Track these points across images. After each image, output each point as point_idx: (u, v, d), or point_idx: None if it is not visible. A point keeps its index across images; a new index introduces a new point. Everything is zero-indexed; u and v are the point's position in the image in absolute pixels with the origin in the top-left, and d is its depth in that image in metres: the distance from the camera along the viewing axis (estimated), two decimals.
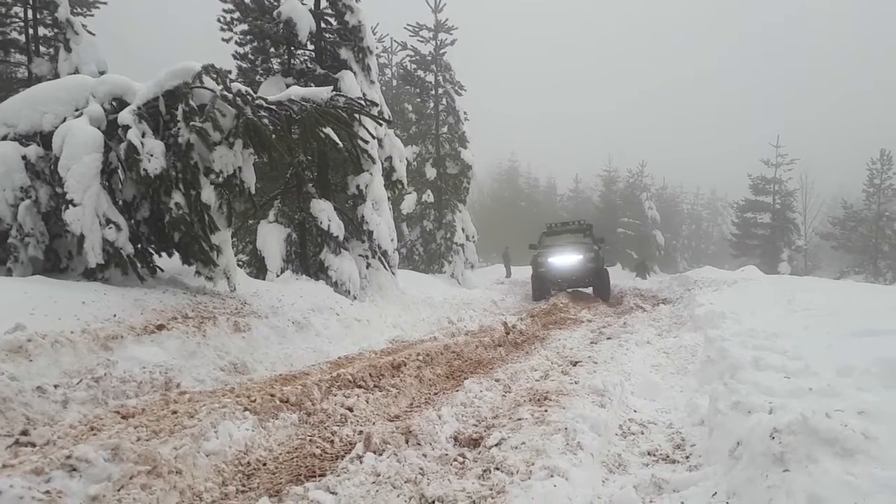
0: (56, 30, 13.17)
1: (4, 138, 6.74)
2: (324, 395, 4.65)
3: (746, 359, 4.31)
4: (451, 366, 6.40)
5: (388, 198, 12.79)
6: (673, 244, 56.06)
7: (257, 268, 10.86)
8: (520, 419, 3.73)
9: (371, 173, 11.74)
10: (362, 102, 8.16)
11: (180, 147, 6.62)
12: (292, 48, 11.85)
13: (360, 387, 5.12)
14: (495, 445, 3.21)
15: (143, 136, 6.57)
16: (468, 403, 4.42)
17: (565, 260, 16.72)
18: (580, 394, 4.39)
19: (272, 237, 10.86)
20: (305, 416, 4.21)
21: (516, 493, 2.50)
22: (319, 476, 3.04)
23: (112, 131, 6.70)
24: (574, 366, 5.88)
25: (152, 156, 6.50)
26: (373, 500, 2.57)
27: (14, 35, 14.02)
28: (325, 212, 10.93)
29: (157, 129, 6.77)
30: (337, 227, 10.97)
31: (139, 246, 6.95)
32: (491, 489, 2.61)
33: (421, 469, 2.95)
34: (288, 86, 9.45)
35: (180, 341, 5.78)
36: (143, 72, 7.75)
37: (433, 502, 2.54)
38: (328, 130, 8.00)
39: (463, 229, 22.21)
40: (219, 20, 11.78)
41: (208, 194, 6.84)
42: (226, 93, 6.85)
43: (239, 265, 9.94)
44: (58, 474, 2.59)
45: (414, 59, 22.81)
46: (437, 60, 22.56)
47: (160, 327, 5.81)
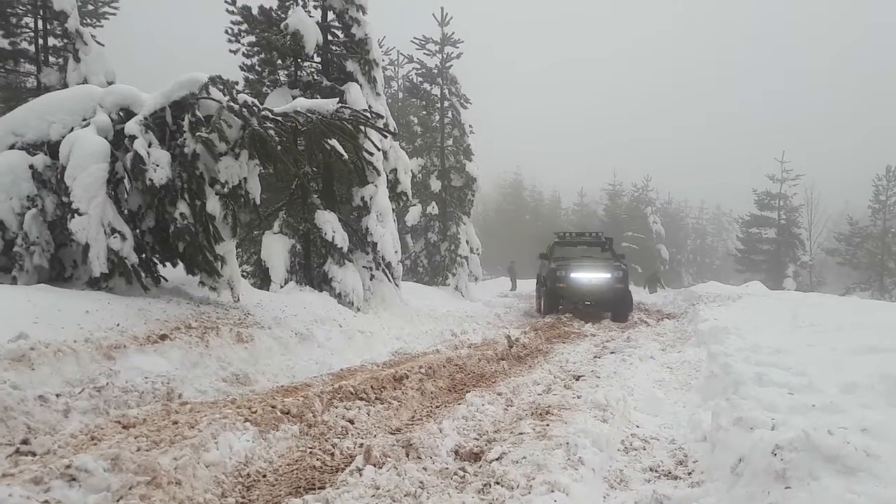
0: (65, 40, 13.27)
1: (12, 147, 6.79)
2: (325, 407, 4.64)
3: (749, 374, 4.28)
4: (453, 379, 6.38)
5: (393, 210, 12.82)
6: (678, 259, 56.01)
7: (261, 278, 10.88)
8: (521, 433, 3.72)
9: (376, 185, 11.78)
10: (368, 114, 8.21)
11: (186, 157, 6.66)
12: (299, 60, 11.94)
13: (361, 399, 5.10)
14: (496, 459, 3.19)
15: (149, 146, 6.62)
16: (470, 417, 4.40)
17: (592, 277, 14.68)
18: (582, 408, 4.38)
19: (276, 248, 10.88)
20: (306, 427, 4.20)
21: None
22: (319, 489, 3.03)
23: (119, 141, 6.75)
24: (577, 380, 5.86)
25: (158, 166, 6.54)
26: None
27: (24, 45, 14.15)
28: (329, 223, 10.96)
29: (164, 140, 6.82)
30: (341, 238, 10.99)
31: (144, 255, 6.98)
32: (490, 503, 2.60)
33: (421, 483, 2.94)
34: (294, 97, 9.52)
35: (183, 351, 5.78)
36: (151, 82, 7.81)
37: None
38: (333, 142, 8.05)
39: (467, 242, 22.22)
40: (226, 32, 11.89)
41: (213, 205, 6.87)
42: (232, 104, 6.90)
43: (243, 276, 9.96)
44: (57, 484, 2.59)
45: (420, 71, 22.93)
46: (443, 73, 22.67)
47: (163, 337, 5.81)
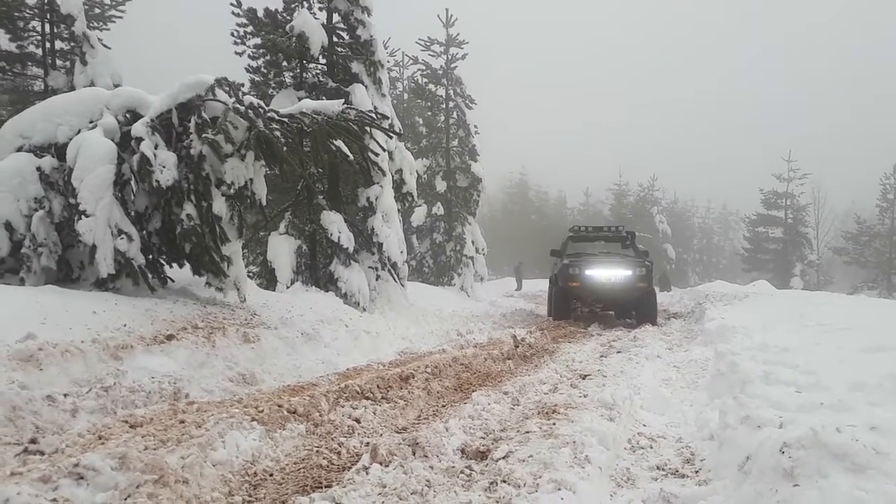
0: (72, 43, 13.34)
1: (20, 149, 6.83)
2: (331, 407, 4.65)
3: (757, 373, 4.27)
4: (459, 378, 6.37)
5: (399, 210, 12.84)
6: (684, 258, 55.89)
7: (267, 279, 10.90)
8: (528, 432, 3.71)
9: (381, 186, 11.80)
10: (373, 115, 8.22)
11: (192, 159, 6.68)
12: (304, 62, 11.97)
13: (367, 398, 5.11)
14: (503, 458, 3.19)
15: (155, 147, 6.64)
16: (476, 416, 4.40)
17: (610, 275, 12.88)
18: (589, 407, 4.37)
19: (282, 249, 10.91)
20: (313, 426, 4.21)
21: None
22: (326, 487, 3.03)
23: (125, 143, 6.78)
24: (583, 379, 5.85)
25: (165, 167, 6.57)
26: None
27: (31, 48, 14.24)
28: (335, 224, 10.98)
29: (170, 141, 6.84)
30: (347, 238, 11.01)
31: (150, 256, 7.00)
32: (497, 501, 2.60)
33: (427, 481, 2.94)
34: (300, 99, 9.55)
35: (190, 352, 5.80)
36: (157, 85, 7.84)
37: None
38: (339, 143, 8.06)
39: (473, 242, 22.23)
40: (232, 34, 11.93)
41: (220, 206, 6.89)
42: (238, 105, 6.92)
43: (249, 276, 9.99)
44: (65, 482, 2.60)
45: (425, 73, 22.96)
46: (448, 74, 22.70)
47: (170, 337, 5.84)
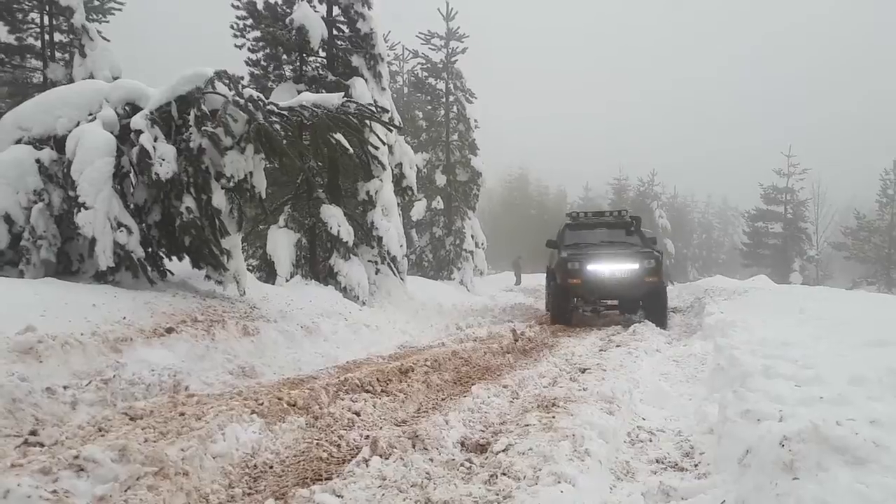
0: (71, 35, 13.29)
1: (19, 142, 6.82)
2: (331, 400, 4.65)
3: (756, 367, 4.27)
4: (459, 372, 6.38)
5: (398, 204, 12.82)
6: (683, 253, 55.92)
7: (267, 272, 10.90)
8: (527, 425, 3.71)
9: (381, 179, 11.78)
10: (373, 109, 8.19)
11: (192, 152, 6.67)
12: (304, 55, 11.93)
13: (367, 391, 5.11)
14: (502, 451, 3.19)
15: (155, 140, 6.63)
16: (476, 409, 4.40)
17: (615, 269, 11.06)
18: (588, 401, 4.37)
19: (282, 242, 10.90)
20: (313, 419, 4.21)
21: (522, 498, 2.49)
22: (326, 479, 3.04)
23: (125, 136, 6.76)
24: (583, 373, 5.86)
25: (164, 160, 6.56)
26: None
27: (30, 41, 14.18)
28: (335, 217, 10.97)
29: (170, 134, 6.83)
30: (346, 232, 11.00)
31: (150, 249, 7.01)
32: (497, 494, 2.60)
33: (427, 473, 2.94)
34: (299, 92, 9.51)
35: (189, 344, 5.80)
36: (157, 77, 7.82)
37: None
38: (339, 136, 8.05)
39: (472, 236, 22.22)
40: (232, 27, 11.89)
41: (219, 199, 6.88)
42: (238, 98, 6.90)
43: (249, 270, 9.98)
44: (65, 474, 2.60)
45: (425, 66, 22.92)
46: (449, 68, 22.65)
47: (169, 330, 5.84)
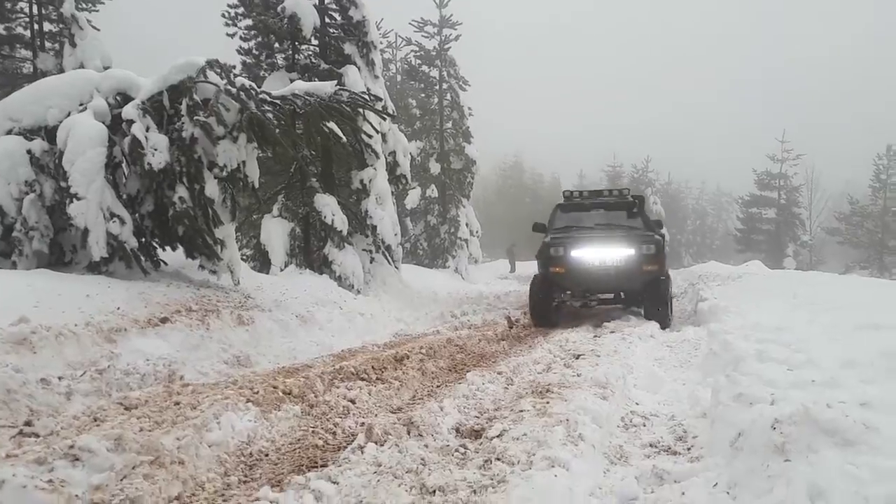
0: (61, 25, 13.23)
1: (9, 133, 6.77)
2: (326, 388, 4.67)
3: (749, 351, 4.30)
4: (454, 359, 6.40)
5: (392, 192, 12.81)
6: (678, 239, 56.07)
7: (261, 262, 10.90)
8: (522, 411, 3.73)
9: (375, 168, 11.76)
10: (366, 97, 8.16)
11: (184, 141, 6.64)
12: (296, 43, 11.88)
13: (362, 379, 5.13)
14: (497, 436, 3.21)
15: (147, 130, 6.60)
16: (470, 395, 4.42)
17: (606, 256, 9.17)
18: (582, 386, 4.39)
19: (276, 231, 10.89)
20: (308, 407, 4.23)
21: (517, 482, 2.51)
22: (322, 466, 3.05)
23: (116, 126, 6.73)
24: (577, 359, 5.88)
25: (156, 150, 6.53)
26: (374, 490, 2.58)
27: (19, 30, 14.08)
28: (328, 206, 10.95)
29: (162, 124, 6.80)
30: (341, 221, 10.99)
31: (143, 240, 6.99)
32: (492, 479, 2.62)
33: (422, 459, 2.96)
34: (292, 81, 9.46)
35: (184, 334, 5.80)
36: (148, 67, 7.77)
37: (434, 491, 2.55)
38: (332, 125, 8.03)
39: (467, 224, 22.24)
40: (223, 15, 11.82)
41: (212, 188, 6.87)
42: (230, 87, 6.87)
43: (243, 259, 9.97)
44: (61, 464, 2.60)
45: (418, 54, 22.87)
46: (442, 56, 22.59)
47: (164, 320, 5.84)
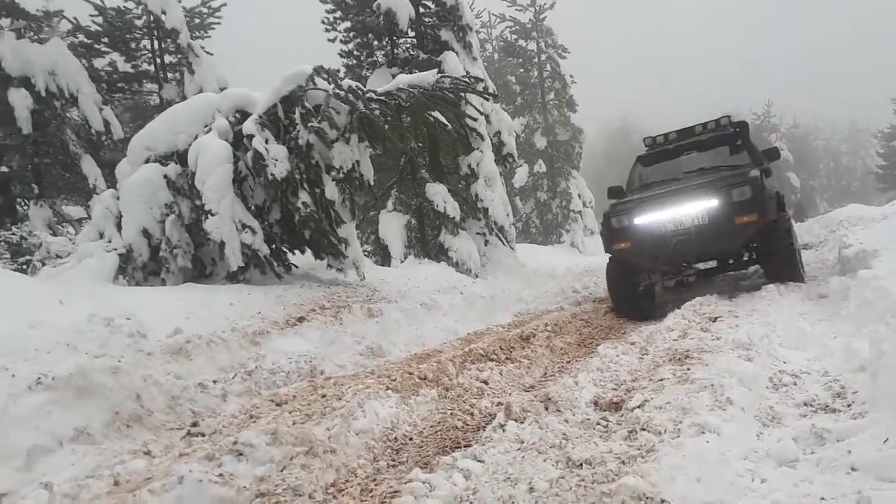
0: (179, 55, 14.19)
1: (147, 161, 7.37)
2: (458, 371, 4.75)
3: None
4: (581, 333, 6.32)
5: (500, 173, 12.79)
6: (810, 185, 52.14)
7: (382, 256, 11.25)
8: (661, 379, 3.62)
9: (481, 151, 11.77)
10: (467, 80, 8.19)
11: (301, 149, 6.95)
12: (394, 38, 12.10)
13: (492, 360, 5.17)
14: (638, 407, 3.13)
15: (266, 142, 6.96)
16: (604, 368, 4.35)
17: (680, 215, 6.92)
18: (724, 349, 4.19)
19: (393, 225, 11.19)
20: (443, 391, 4.32)
21: (666, 451, 2.44)
22: (465, 447, 3.11)
23: (238, 142, 7.15)
24: (713, 322, 5.62)
25: (277, 160, 6.87)
26: (520, 466, 2.60)
27: (144, 66, 15.26)
28: (439, 194, 11.10)
29: (279, 135, 7.15)
30: (452, 208, 11.11)
31: (274, 246, 7.40)
32: (639, 449, 2.56)
33: (564, 434, 2.94)
34: (393, 76, 9.66)
35: (320, 331, 6.10)
36: (258, 81, 8.18)
37: (580, 465, 2.53)
38: (436, 114, 8.11)
39: (579, 195, 21.81)
40: (322, 21, 12.24)
41: (331, 191, 7.15)
42: (338, 91, 7.11)
43: (365, 255, 10.33)
44: (227, 459, 2.80)
45: (513, 29, 22.58)
46: (538, 26, 22.19)
47: (301, 319, 6.16)
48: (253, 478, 2.75)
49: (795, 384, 3.63)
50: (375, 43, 12.28)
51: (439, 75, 7.76)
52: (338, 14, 12.13)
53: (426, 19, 12.36)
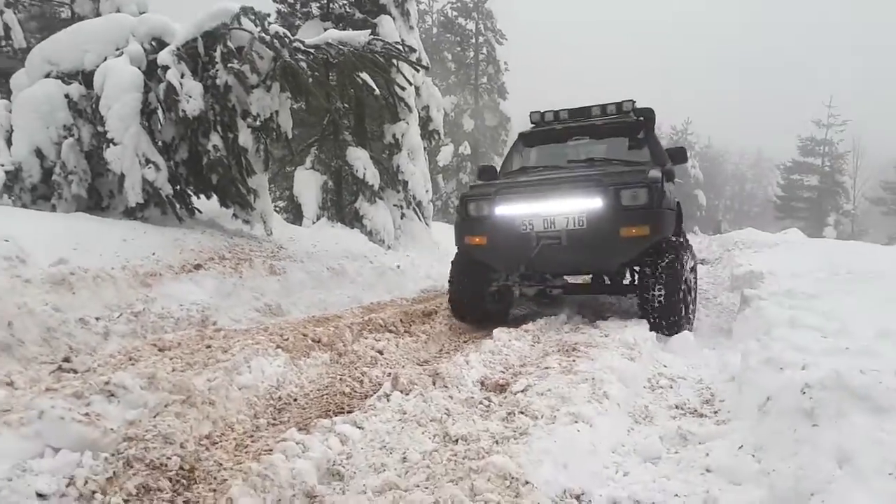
0: None
1: (47, 76, 6.85)
2: (355, 338, 4.73)
3: (782, 317, 4.22)
4: None
5: (425, 148, 12.74)
6: (714, 205, 55.06)
7: (294, 214, 11.02)
8: (547, 368, 3.74)
9: (407, 122, 11.69)
10: (400, 48, 8.04)
11: (218, 89, 6.65)
12: None
13: (391, 331, 5.19)
14: (521, 391, 3.22)
15: (182, 76, 6.62)
16: (497, 351, 4.44)
17: (550, 211, 5.43)
18: (609, 346, 4.37)
19: (308, 184, 10.96)
20: (336, 356, 4.30)
21: (539, 435, 2.52)
22: (348, 412, 3.11)
23: (151, 71, 6.76)
24: (605, 320, 5.84)
25: (191, 97, 6.55)
26: (398, 437, 2.62)
27: None
28: (360, 160, 10.96)
29: (196, 71, 6.80)
30: (372, 175, 10.99)
31: (178, 187, 7.08)
32: (514, 431, 2.63)
33: (447, 409, 2.99)
34: (326, 30, 9.37)
35: (217, 281, 5.91)
36: (182, 13, 7.75)
37: (456, 440, 2.58)
38: (365, 76, 7.95)
39: None
40: None
41: (245, 137, 6.89)
42: (264, 35, 6.83)
43: (276, 211, 10.06)
44: (97, 398, 2.68)
45: (455, 5, 22.42)
46: (479, 7, 22.14)
47: (197, 267, 5.94)
48: (122, 421, 2.65)
49: (671, 387, 3.83)
50: None
51: (372, 37, 7.59)
52: None
53: None
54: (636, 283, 5.98)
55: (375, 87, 8.26)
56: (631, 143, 6.65)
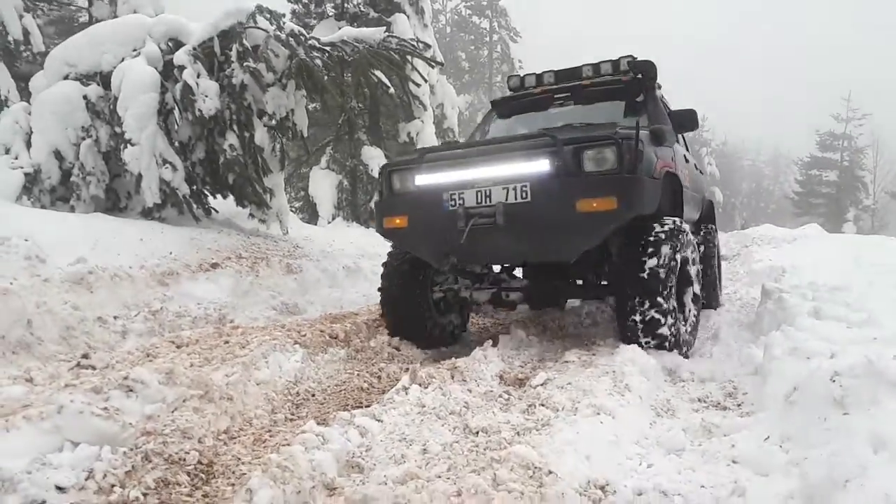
0: None
1: (66, 78, 6.90)
2: (372, 334, 4.71)
3: (806, 309, 4.14)
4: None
5: None
6: (731, 202, 54.48)
7: (309, 214, 11.05)
8: (567, 362, 3.70)
9: (422, 121, 11.66)
10: (415, 44, 8.03)
11: (234, 88, 6.67)
12: None
13: None
14: (541, 385, 3.19)
15: (198, 76, 6.65)
16: (515, 346, 4.40)
17: (486, 181, 3.89)
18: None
19: (324, 183, 10.98)
20: (354, 352, 4.29)
21: (561, 426, 2.48)
22: (366, 406, 3.08)
23: (168, 72, 6.79)
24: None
25: (207, 96, 6.57)
26: (417, 429, 2.60)
27: None
28: (375, 159, 10.96)
29: (212, 70, 6.83)
30: None
31: (195, 187, 7.11)
32: (536, 422, 2.60)
33: (466, 403, 2.96)
34: (340, 29, 9.38)
35: (234, 280, 5.92)
36: (198, 15, 7.78)
37: (477, 432, 2.55)
38: (380, 74, 7.94)
39: None
40: None
41: (261, 136, 6.91)
42: (279, 33, 6.85)
43: (292, 211, 10.09)
44: (116, 394, 2.68)
45: (469, 4, 22.38)
46: (493, 5, 22.07)
47: (215, 266, 5.96)
48: (141, 415, 2.65)
49: (693, 381, 3.77)
50: None
51: (387, 34, 7.58)
52: None
53: None
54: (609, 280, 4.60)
55: (390, 85, 8.25)
56: (628, 106, 5.16)
